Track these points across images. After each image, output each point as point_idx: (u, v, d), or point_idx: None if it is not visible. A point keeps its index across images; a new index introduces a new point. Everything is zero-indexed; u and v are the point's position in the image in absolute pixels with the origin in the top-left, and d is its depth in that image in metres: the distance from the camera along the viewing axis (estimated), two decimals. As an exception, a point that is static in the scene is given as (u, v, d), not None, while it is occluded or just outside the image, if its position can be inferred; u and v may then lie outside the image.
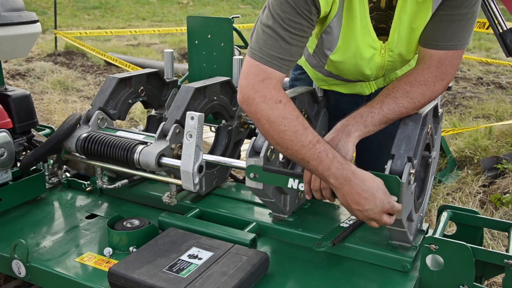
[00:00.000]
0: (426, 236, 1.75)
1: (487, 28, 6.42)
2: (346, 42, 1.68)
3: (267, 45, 1.50)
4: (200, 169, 1.81)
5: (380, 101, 1.66)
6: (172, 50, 2.55)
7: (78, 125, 2.08)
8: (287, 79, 2.21)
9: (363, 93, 2.06)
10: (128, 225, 1.87)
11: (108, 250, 1.81)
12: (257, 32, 1.54)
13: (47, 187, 2.34)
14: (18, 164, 2.21)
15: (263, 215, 2.04)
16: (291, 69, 1.57)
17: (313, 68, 2.00)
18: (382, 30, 1.71)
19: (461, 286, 1.62)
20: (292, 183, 1.73)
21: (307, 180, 1.66)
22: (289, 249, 1.88)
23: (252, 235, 1.84)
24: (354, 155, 2.30)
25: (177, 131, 1.94)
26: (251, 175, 1.76)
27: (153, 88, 2.39)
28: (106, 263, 1.76)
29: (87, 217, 2.14)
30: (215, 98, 2.15)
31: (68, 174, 2.47)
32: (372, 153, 2.17)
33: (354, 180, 1.50)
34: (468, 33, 1.63)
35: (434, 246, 1.62)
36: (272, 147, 1.76)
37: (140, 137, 2.01)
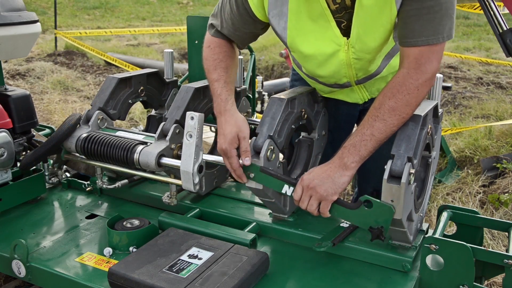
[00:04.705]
0: (426, 236, 1.75)
1: (475, 9, 6.53)
2: (297, 37, 1.77)
3: (218, 8, 1.90)
4: (200, 169, 1.81)
5: (370, 125, 1.65)
6: (172, 50, 2.55)
7: (78, 125, 2.08)
8: (287, 79, 2.21)
9: (357, 102, 2.06)
10: (128, 225, 1.87)
11: (108, 250, 1.81)
12: None
13: (47, 187, 2.34)
14: (18, 164, 2.21)
15: (263, 215, 2.04)
16: (226, 30, 1.87)
17: (299, 68, 2.05)
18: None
19: (461, 286, 1.62)
20: (287, 189, 1.73)
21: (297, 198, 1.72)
22: (289, 249, 1.88)
23: (252, 235, 1.84)
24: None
25: (177, 131, 1.94)
26: (249, 174, 1.76)
27: (153, 88, 2.39)
28: (106, 263, 1.77)
29: (87, 217, 2.14)
30: (215, 98, 2.15)
31: (68, 174, 2.47)
32: (372, 154, 2.17)
33: (223, 116, 1.79)
34: (441, 26, 1.59)
35: (434, 246, 1.62)
36: (272, 147, 1.76)
37: (140, 137, 2.01)
